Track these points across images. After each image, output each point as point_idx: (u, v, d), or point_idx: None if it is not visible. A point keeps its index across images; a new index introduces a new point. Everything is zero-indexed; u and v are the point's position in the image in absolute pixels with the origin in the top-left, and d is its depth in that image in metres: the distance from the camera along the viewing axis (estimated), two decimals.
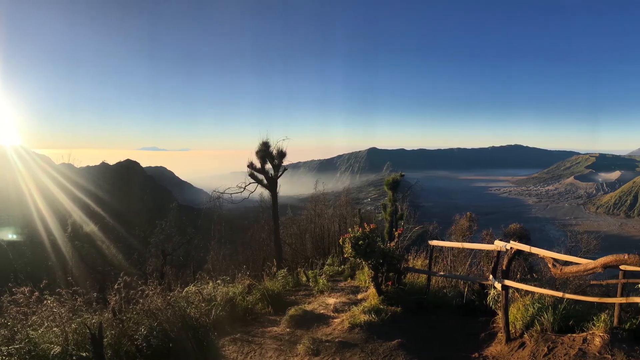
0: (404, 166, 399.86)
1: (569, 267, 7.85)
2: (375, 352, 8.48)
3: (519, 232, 16.16)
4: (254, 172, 22.88)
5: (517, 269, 13.29)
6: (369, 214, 31.81)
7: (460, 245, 12.83)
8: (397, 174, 20.54)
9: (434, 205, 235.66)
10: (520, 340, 8.40)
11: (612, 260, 7.05)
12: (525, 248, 8.74)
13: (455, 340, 9.51)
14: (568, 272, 7.78)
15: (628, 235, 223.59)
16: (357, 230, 10.78)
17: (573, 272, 7.72)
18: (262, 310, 12.05)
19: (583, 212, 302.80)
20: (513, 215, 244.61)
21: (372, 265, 11.01)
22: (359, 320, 9.92)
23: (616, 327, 8.12)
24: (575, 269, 7.62)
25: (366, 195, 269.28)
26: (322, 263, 18.41)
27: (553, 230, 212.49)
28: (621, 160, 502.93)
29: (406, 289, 11.78)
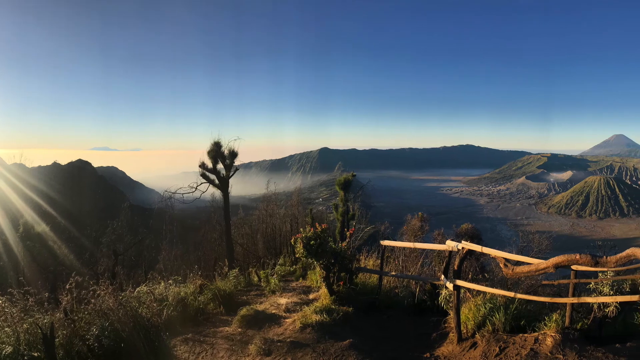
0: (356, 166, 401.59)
1: (521, 267, 7.98)
2: (326, 352, 8.51)
3: (470, 232, 16.37)
4: (206, 172, 22.84)
5: (468, 269, 13.48)
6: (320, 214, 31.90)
7: (412, 245, 12.91)
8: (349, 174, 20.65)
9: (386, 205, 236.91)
10: (472, 340, 8.51)
11: (564, 260, 7.20)
12: (476, 248, 8.87)
13: (407, 341, 9.61)
14: (520, 272, 7.91)
15: (579, 235, 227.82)
16: (308, 230, 10.80)
17: (525, 272, 7.85)
18: (214, 310, 12.02)
19: (535, 212, 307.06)
20: (465, 215, 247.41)
21: (323, 265, 11.04)
22: (310, 320, 9.95)
23: (568, 327, 8.28)
24: (527, 269, 7.76)
25: (318, 195, 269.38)
26: (273, 263, 18.39)
27: (505, 230, 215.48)
28: (573, 160, 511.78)
29: (358, 289, 11.86)
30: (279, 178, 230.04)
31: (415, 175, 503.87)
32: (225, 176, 23.12)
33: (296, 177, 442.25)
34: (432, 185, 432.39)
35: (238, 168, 23.50)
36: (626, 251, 6.73)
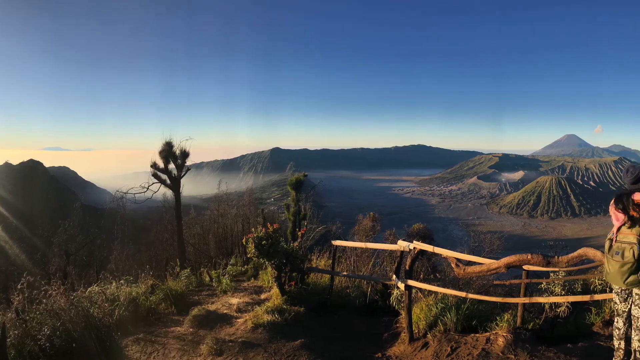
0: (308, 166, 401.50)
1: (472, 267, 8.07)
2: (278, 352, 8.53)
3: (422, 232, 16.49)
4: (157, 172, 22.73)
5: (420, 269, 13.57)
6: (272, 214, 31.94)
7: (363, 245, 13.01)
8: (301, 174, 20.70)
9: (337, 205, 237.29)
10: (424, 340, 8.57)
11: (515, 260, 7.29)
12: (428, 248, 8.95)
13: (358, 340, 9.68)
14: (471, 272, 7.99)
15: (531, 235, 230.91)
16: (260, 230, 10.84)
17: (476, 272, 7.94)
18: (166, 310, 11.93)
19: (486, 212, 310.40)
20: (416, 215, 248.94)
21: (275, 265, 11.09)
22: (262, 320, 10.00)
23: (519, 327, 8.41)
24: (479, 269, 7.84)
25: (269, 195, 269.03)
26: (225, 263, 18.47)
27: (456, 230, 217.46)
28: (524, 161, 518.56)
29: (309, 289, 11.98)
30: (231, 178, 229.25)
31: (367, 176, 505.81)
32: (177, 176, 23.07)
33: (248, 177, 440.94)
34: (384, 185, 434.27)
35: (190, 168, 23.51)
36: (578, 251, 6.84)
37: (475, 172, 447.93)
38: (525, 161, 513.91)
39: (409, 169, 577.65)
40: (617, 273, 5.31)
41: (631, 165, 5.66)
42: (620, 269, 5.27)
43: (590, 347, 7.41)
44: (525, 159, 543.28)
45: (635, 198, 5.44)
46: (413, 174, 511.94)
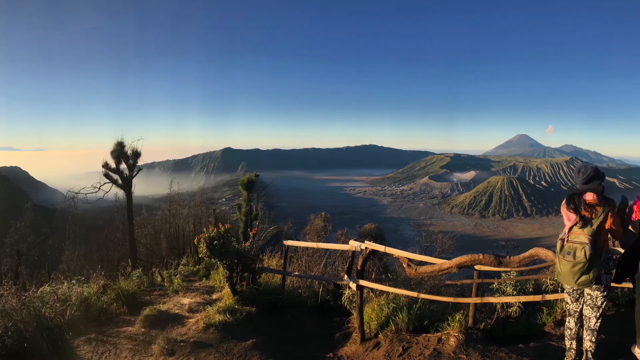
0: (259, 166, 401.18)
1: (424, 267, 8.12)
2: (230, 352, 8.55)
3: (373, 232, 16.56)
4: (109, 172, 22.64)
5: (372, 269, 13.63)
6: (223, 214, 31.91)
7: (315, 245, 13.03)
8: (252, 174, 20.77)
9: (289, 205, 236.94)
10: (375, 340, 8.63)
11: (467, 260, 7.36)
12: (380, 248, 8.99)
13: (310, 340, 9.73)
14: (423, 272, 8.05)
15: (483, 235, 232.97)
16: (212, 230, 10.86)
17: (428, 272, 8.00)
18: (117, 310, 11.85)
19: (438, 212, 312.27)
20: (368, 215, 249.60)
21: (226, 265, 11.12)
22: (213, 320, 10.02)
23: (471, 327, 8.49)
24: (430, 269, 7.90)
25: (221, 195, 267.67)
26: (177, 263, 18.49)
27: (408, 230, 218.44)
28: (476, 160, 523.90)
29: (261, 289, 12.04)
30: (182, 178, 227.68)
31: (318, 176, 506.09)
32: (129, 176, 23.00)
33: (199, 177, 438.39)
34: (336, 185, 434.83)
35: (141, 168, 23.45)
36: (529, 251, 6.92)
37: (427, 172, 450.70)
38: (477, 161, 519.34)
39: (361, 169, 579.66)
40: (569, 273, 5.38)
41: (583, 165, 5.74)
42: (572, 269, 5.34)
43: (541, 347, 7.49)
44: (477, 159, 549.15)
45: (587, 198, 5.52)
46: (365, 174, 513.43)
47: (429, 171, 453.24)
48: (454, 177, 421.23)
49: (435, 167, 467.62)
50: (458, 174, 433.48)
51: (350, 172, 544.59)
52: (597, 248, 5.37)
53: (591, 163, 9.08)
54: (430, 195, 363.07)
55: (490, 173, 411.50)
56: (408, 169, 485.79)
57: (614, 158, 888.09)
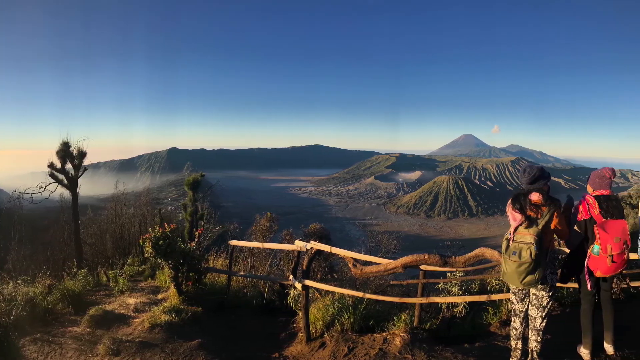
0: (205, 166, 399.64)
1: (370, 267, 8.13)
2: (175, 352, 8.50)
3: (319, 232, 16.61)
4: (55, 172, 22.42)
5: (317, 269, 13.67)
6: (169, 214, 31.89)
7: (260, 245, 13.00)
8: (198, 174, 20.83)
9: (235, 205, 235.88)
10: (321, 340, 8.63)
11: (413, 260, 7.37)
12: (325, 248, 8.98)
13: (256, 340, 9.74)
14: (368, 272, 8.05)
15: (428, 235, 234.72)
16: (157, 230, 10.86)
17: (373, 272, 8.00)
18: (63, 310, 11.71)
19: (383, 212, 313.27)
20: (313, 215, 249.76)
21: (172, 265, 11.12)
22: (159, 320, 9.97)
23: (417, 327, 8.54)
24: (376, 269, 7.91)
25: (167, 195, 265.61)
26: (122, 263, 18.39)
27: (354, 230, 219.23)
28: (421, 160, 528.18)
29: (207, 289, 12.03)
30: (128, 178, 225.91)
31: (264, 176, 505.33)
32: (74, 176, 22.83)
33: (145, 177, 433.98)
34: (281, 185, 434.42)
35: (87, 168, 23.32)
36: (475, 251, 6.97)
37: (372, 172, 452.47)
38: (422, 161, 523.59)
39: (307, 169, 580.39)
40: (515, 273, 5.41)
41: (528, 165, 5.79)
42: (517, 269, 5.37)
43: (487, 347, 7.58)
44: (422, 158, 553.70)
45: (532, 198, 5.57)
46: (310, 174, 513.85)
47: (375, 171, 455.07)
48: (400, 177, 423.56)
49: (380, 167, 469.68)
50: (403, 174, 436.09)
51: (295, 172, 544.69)
52: (543, 248, 5.41)
53: (537, 163, 9.21)
54: (375, 195, 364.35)
55: (435, 173, 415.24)
56: (354, 169, 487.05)
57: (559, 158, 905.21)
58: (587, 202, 6.06)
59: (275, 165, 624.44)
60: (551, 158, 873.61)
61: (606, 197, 6.08)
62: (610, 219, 5.87)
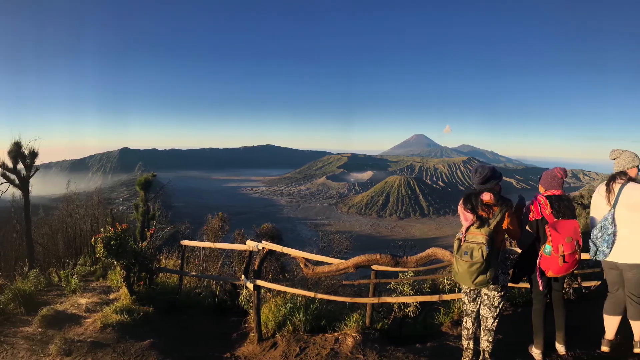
0: (156, 166, 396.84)
1: (321, 267, 8.12)
2: (127, 352, 8.44)
3: (271, 232, 16.62)
4: (6, 172, 22.22)
5: (269, 269, 13.69)
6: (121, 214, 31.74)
7: (212, 245, 12.97)
8: (149, 174, 20.83)
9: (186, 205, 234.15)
10: (273, 340, 8.62)
11: (364, 260, 7.37)
12: (277, 248, 8.97)
13: (207, 340, 9.72)
14: (320, 272, 8.04)
15: (380, 235, 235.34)
16: (109, 230, 10.84)
17: (325, 272, 7.99)
18: (14, 311, 11.61)
19: (335, 212, 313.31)
20: (265, 215, 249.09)
21: (124, 265, 11.09)
22: (111, 320, 9.93)
23: (368, 327, 8.55)
24: (327, 269, 7.90)
25: (118, 195, 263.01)
26: (74, 263, 18.19)
27: (305, 230, 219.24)
28: (373, 160, 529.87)
29: (158, 289, 12.00)
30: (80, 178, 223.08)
31: (215, 176, 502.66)
32: (26, 176, 22.67)
33: (97, 177, 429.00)
34: (233, 185, 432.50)
35: (38, 168, 23.15)
36: (426, 251, 6.99)
37: (324, 172, 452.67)
38: (374, 161, 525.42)
39: (258, 169, 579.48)
40: (466, 273, 5.41)
41: (480, 165, 5.80)
42: (469, 269, 5.37)
43: (439, 347, 7.61)
44: (374, 159, 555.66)
45: (484, 198, 5.59)
46: (262, 174, 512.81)
47: (326, 171, 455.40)
48: (351, 177, 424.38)
49: (332, 167, 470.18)
50: (355, 174, 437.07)
51: (247, 172, 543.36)
52: (495, 248, 5.42)
53: (488, 163, 9.28)
54: (327, 195, 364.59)
55: (387, 173, 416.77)
56: (305, 169, 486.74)
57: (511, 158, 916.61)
58: (539, 202, 6.11)
59: (227, 165, 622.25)
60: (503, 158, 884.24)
61: (558, 197, 6.13)
62: (562, 219, 5.91)
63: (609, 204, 6.00)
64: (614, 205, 5.94)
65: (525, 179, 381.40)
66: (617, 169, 6.16)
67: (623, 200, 5.89)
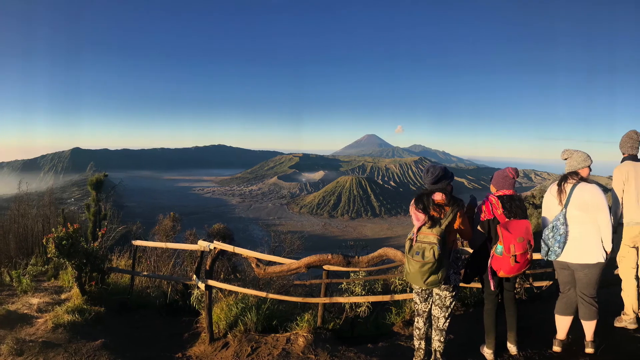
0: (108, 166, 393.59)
1: (273, 267, 8.13)
2: (78, 352, 8.36)
3: (222, 232, 16.54)
4: None
5: (221, 269, 13.62)
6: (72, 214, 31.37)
7: (164, 245, 12.95)
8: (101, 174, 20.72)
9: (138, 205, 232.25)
10: (224, 340, 8.60)
11: (316, 260, 7.36)
12: (228, 248, 8.93)
13: (159, 341, 9.67)
14: (272, 272, 8.04)
15: (331, 235, 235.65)
16: (60, 230, 10.73)
17: (277, 272, 7.99)
18: None
19: (287, 212, 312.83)
20: (217, 215, 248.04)
21: (75, 265, 11.00)
22: (62, 320, 9.83)
23: (320, 327, 8.54)
24: (279, 269, 7.89)
25: (70, 196, 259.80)
26: (25, 263, 18.33)
27: (257, 230, 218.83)
28: (325, 160, 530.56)
29: (110, 289, 11.90)
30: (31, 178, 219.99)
31: (167, 176, 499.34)
32: None
33: (48, 177, 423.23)
34: (185, 185, 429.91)
35: None
36: (378, 251, 6.99)
37: (275, 172, 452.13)
38: (325, 161, 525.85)
39: (210, 169, 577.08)
40: (418, 273, 5.40)
41: (431, 165, 5.80)
42: (420, 269, 5.36)
43: (390, 347, 7.62)
44: (325, 158, 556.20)
45: (436, 198, 5.59)
46: (214, 174, 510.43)
47: (278, 171, 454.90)
48: (303, 177, 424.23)
49: (284, 167, 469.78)
50: (307, 174, 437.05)
51: (199, 172, 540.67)
52: (446, 248, 5.43)
53: (440, 163, 9.34)
54: (279, 195, 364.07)
55: (339, 173, 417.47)
56: (257, 169, 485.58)
57: (462, 158, 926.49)
58: (491, 202, 6.14)
59: (179, 165, 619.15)
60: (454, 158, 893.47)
61: (509, 197, 6.17)
62: (513, 219, 5.95)
63: (560, 204, 6.05)
64: (565, 205, 5.99)
65: (477, 179, 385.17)
66: (568, 169, 6.22)
67: (575, 201, 5.94)
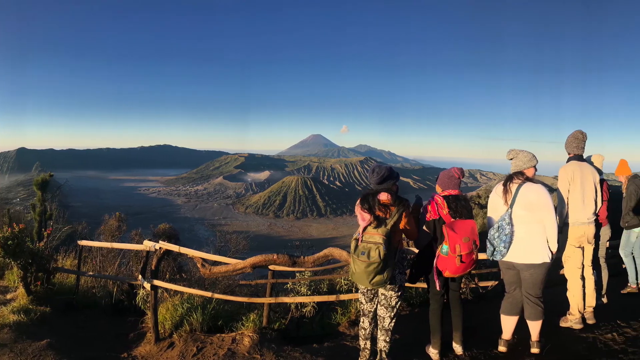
0: (54, 166, 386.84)
1: (218, 267, 8.11)
2: (24, 352, 8.24)
3: (168, 232, 16.43)
4: None
5: (166, 269, 13.54)
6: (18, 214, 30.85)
7: (109, 245, 12.90)
8: (46, 174, 20.50)
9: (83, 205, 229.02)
10: (170, 340, 8.59)
11: (262, 260, 7.35)
12: (174, 248, 8.89)
13: (105, 340, 9.58)
14: (217, 272, 8.01)
15: (277, 235, 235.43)
16: (6, 230, 10.61)
17: (222, 272, 7.96)
18: None
19: (232, 212, 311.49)
20: (162, 215, 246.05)
21: (21, 265, 10.86)
22: (7, 320, 9.70)
23: (265, 327, 8.55)
24: (224, 269, 7.87)
25: (15, 196, 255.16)
26: None
27: (202, 230, 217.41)
28: (270, 160, 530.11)
29: (56, 289, 11.77)
30: None
31: (113, 175, 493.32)
32: None
33: None
34: (130, 185, 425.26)
35: None
36: (324, 251, 6.99)
37: (221, 172, 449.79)
38: (271, 161, 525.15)
39: (155, 169, 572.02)
40: (363, 273, 5.39)
41: (377, 165, 5.79)
42: (366, 269, 5.34)
43: (336, 347, 7.64)
44: (271, 158, 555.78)
45: (381, 198, 5.59)
46: (159, 174, 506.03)
47: (224, 171, 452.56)
48: (248, 177, 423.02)
49: (229, 167, 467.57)
50: (252, 174, 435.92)
51: (144, 172, 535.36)
52: (392, 248, 5.43)
53: (385, 163, 9.41)
54: (224, 195, 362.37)
55: (284, 173, 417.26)
56: (202, 169, 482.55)
57: (408, 158, 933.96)
58: (436, 202, 6.16)
59: (124, 165, 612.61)
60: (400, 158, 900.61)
61: (455, 197, 6.20)
62: (459, 219, 5.98)
63: (506, 204, 6.10)
64: (511, 205, 6.04)
65: (423, 179, 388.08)
66: (514, 169, 6.28)
67: (520, 200, 6.00)
